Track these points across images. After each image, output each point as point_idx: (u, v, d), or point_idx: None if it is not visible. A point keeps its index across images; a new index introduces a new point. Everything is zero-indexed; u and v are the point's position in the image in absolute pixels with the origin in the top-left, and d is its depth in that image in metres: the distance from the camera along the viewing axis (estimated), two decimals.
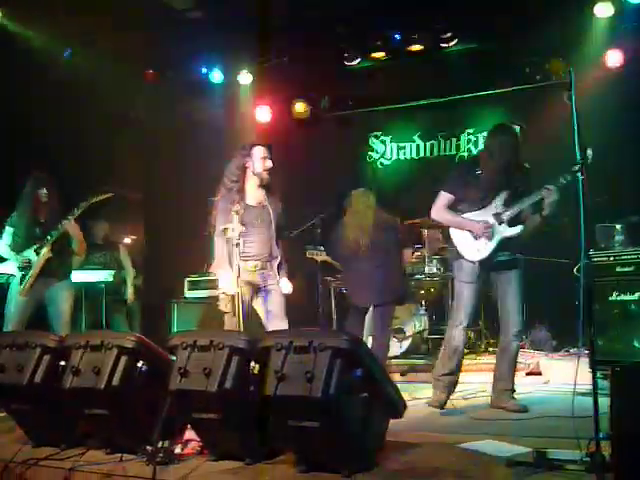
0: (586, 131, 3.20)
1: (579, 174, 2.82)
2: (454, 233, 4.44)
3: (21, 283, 5.04)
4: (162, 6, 7.12)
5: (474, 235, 4.32)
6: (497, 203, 4.30)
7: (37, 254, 5.04)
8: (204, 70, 8.21)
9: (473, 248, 4.33)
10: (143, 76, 8.18)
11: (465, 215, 4.38)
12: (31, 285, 5.04)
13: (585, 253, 3.00)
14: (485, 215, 4.32)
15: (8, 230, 5.19)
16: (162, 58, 8.10)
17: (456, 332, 4.37)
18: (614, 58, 6.86)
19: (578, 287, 2.97)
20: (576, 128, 2.85)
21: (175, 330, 7.27)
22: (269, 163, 4.57)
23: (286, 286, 4.55)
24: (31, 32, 6.89)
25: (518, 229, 4.29)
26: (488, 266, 4.35)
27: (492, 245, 4.28)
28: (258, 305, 4.52)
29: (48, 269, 5.08)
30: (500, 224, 4.28)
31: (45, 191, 5.18)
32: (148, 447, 3.03)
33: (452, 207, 4.43)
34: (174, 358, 3.08)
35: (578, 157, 2.85)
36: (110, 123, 7.79)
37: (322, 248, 6.32)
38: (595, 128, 6.14)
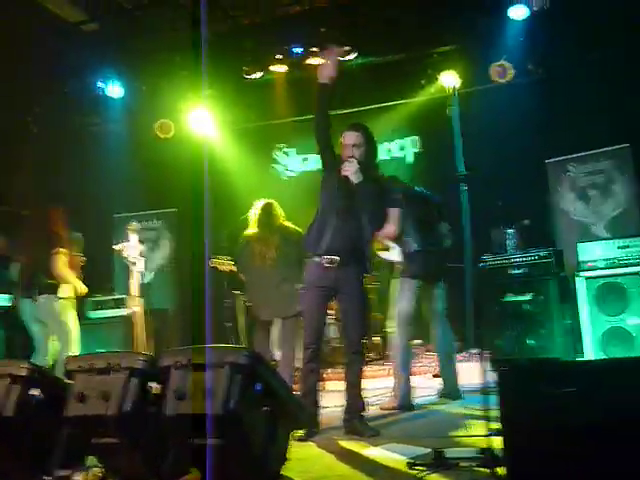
0: (479, 141, 3.36)
1: (463, 185, 2.96)
2: None
3: None
4: (56, 19, 6.92)
5: None
6: None
7: None
8: (100, 84, 7.98)
9: None
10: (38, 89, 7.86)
11: None
12: None
13: (474, 259, 3.16)
14: None
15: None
16: (56, 71, 7.84)
17: None
18: (500, 71, 7.18)
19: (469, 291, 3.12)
20: (459, 142, 2.99)
21: (79, 353, 7.02)
22: None
23: None
24: None
25: None
26: None
27: None
28: None
29: None
30: None
31: None
32: (45, 478, 2.92)
33: None
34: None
35: (462, 169, 2.99)
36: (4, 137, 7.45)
37: (229, 257, 6.25)
38: (488, 138, 6.51)
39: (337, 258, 4.00)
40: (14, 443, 3.02)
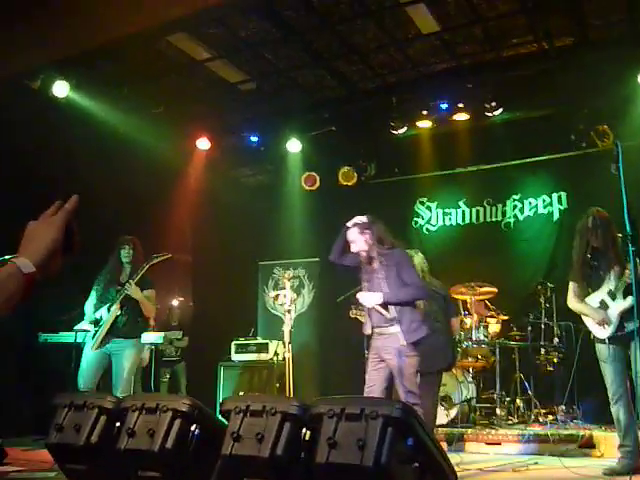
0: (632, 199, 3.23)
1: (630, 246, 2.84)
2: (584, 317, 4.70)
3: (93, 338, 5.24)
4: (217, 79, 7.50)
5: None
6: (611, 280, 4.48)
7: (108, 312, 5.27)
8: (254, 138, 8.46)
9: (600, 328, 4.56)
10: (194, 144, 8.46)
11: (586, 299, 4.63)
12: (101, 340, 5.23)
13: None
14: (601, 294, 4.54)
15: (94, 289, 5.45)
16: (215, 127, 8.44)
17: (615, 408, 4.52)
18: None
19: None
20: (625, 201, 2.88)
21: (221, 393, 7.32)
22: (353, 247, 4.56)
23: None
24: (93, 103, 7.24)
25: (629, 300, 4.29)
26: (620, 342, 4.49)
27: (614, 323, 4.46)
28: None
29: (117, 327, 5.29)
30: (614, 300, 4.45)
31: (127, 252, 5.43)
32: None
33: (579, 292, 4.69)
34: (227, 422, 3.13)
35: (628, 229, 2.87)
36: (162, 186, 8.04)
37: None
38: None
39: None
40: (173, 475, 3.20)
